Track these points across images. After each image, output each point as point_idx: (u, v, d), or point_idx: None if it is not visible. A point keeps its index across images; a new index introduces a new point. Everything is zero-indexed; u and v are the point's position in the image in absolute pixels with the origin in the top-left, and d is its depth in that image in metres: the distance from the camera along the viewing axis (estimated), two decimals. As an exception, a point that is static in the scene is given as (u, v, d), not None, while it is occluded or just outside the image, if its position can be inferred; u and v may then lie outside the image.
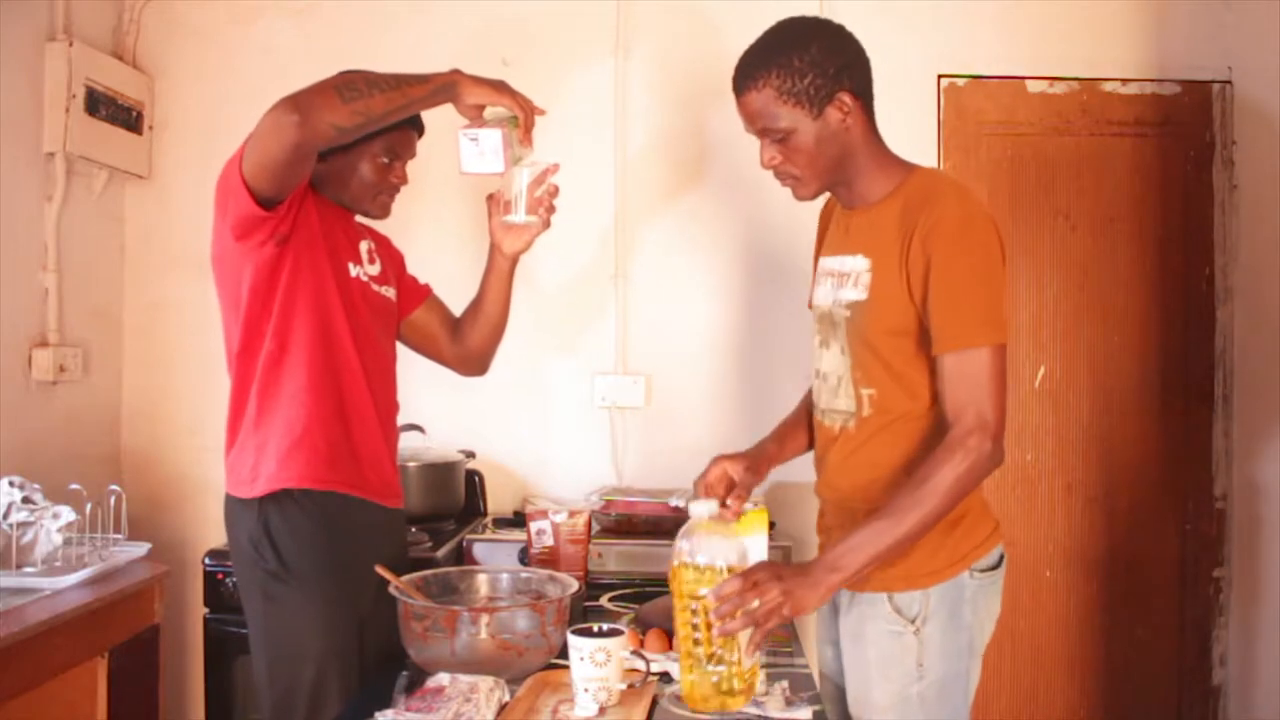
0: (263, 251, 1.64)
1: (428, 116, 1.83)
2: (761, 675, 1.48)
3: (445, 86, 1.64)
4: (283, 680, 1.67)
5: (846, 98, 1.48)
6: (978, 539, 1.52)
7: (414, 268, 2.05)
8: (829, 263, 1.61)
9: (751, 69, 1.50)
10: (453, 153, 1.72)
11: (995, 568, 1.54)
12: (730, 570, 1.33)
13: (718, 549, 1.34)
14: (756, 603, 1.31)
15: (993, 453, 1.41)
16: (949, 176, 1.59)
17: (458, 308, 2.04)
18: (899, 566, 1.48)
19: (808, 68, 1.46)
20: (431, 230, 2.69)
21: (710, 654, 1.29)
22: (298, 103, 1.50)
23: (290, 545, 1.67)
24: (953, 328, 1.42)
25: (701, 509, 1.33)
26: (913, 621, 1.48)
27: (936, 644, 1.48)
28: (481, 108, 1.70)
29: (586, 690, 1.35)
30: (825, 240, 1.68)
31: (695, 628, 1.31)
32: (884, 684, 1.50)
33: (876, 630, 1.51)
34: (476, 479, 2.70)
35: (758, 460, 1.67)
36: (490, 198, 1.88)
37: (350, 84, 1.54)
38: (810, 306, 1.70)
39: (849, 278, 1.54)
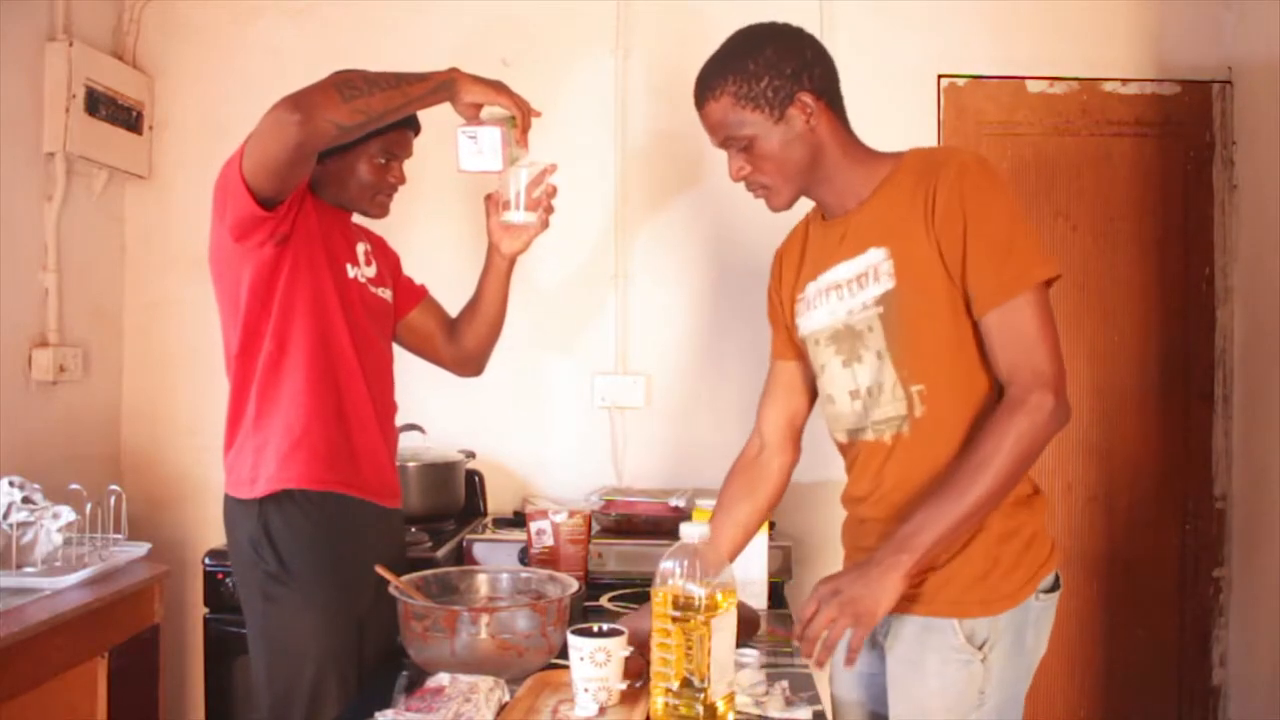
0: (262, 252, 1.64)
1: (425, 116, 1.84)
2: (761, 677, 1.48)
3: (444, 84, 1.65)
4: (282, 681, 1.68)
5: (807, 98, 1.43)
6: (1042, 559, 1.45)
7: (411, 268, 2.06)
8: (826, 279, 1.51)
9: (708, 79, 1.47)
10: (450, 154, 1.72)
11: (1054, 589, 1.48)
12: (712, 596, 1.26)
13: (706, 570, 1.28)
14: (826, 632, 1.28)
15: (1056, 409, 1.32)
16: (941, 146, 1.55)
17: (455, 308, 2.05)
18: (976, 590, 1.40)
19: (763, 70, 1.43)
20: (429, 231, 2.69)
21: (682, 680, 1.28)
22: (298, 102, 1.50)
23: (290, 546, 1.67)
24: (1001, 277, 1.35)
25: (693, 530, 1.32)
26: (980, 648, 1.39)
27: (999, 670, 1.40)
28: (479, 107, 1.70)
29: (586, 690, 1.35)
30: (804, 267, 1.59)
31: (669, 649, 1.27)
32: (944, 714, 1.40)
33: (942, 659, 1.41)
34: (476, 479, 2.70)
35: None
36: (488, 198, 1.89)
37: (350, 82, 1.54)
38: (778, 357, 1.71)
39: (867, 276, 1.44)
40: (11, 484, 2.04)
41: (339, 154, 1.74)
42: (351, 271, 1.80)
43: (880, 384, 1.46)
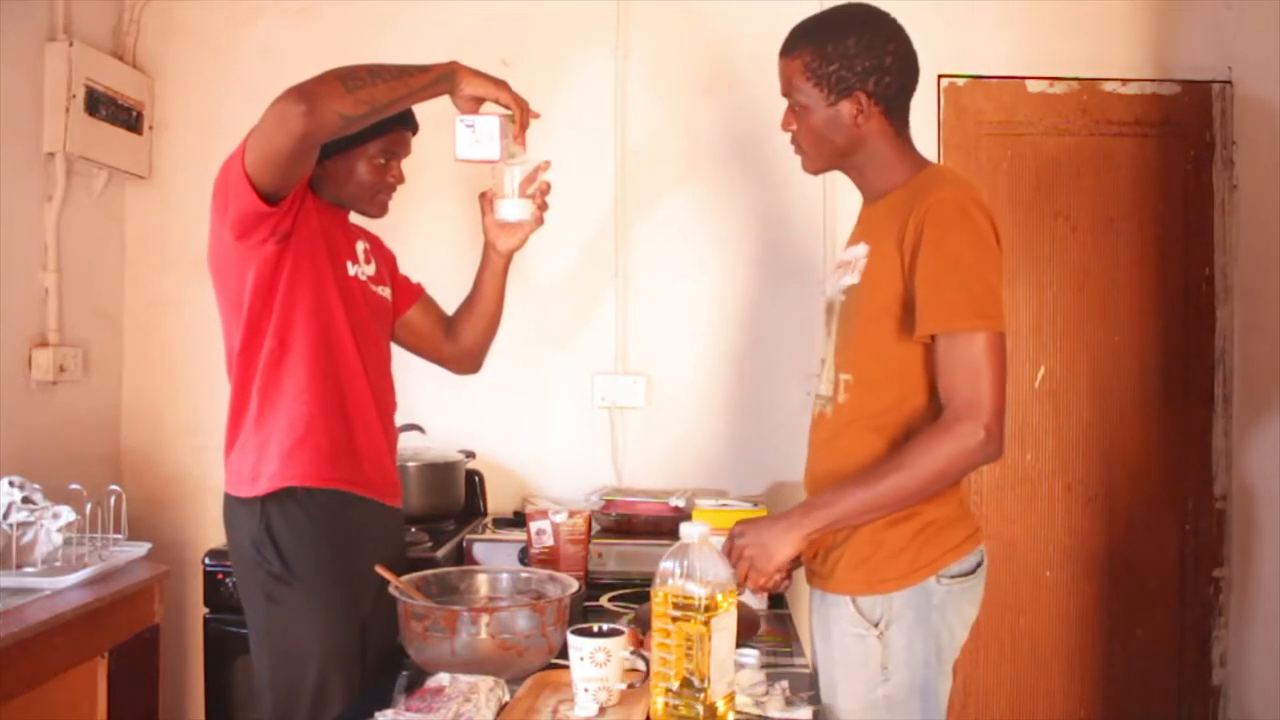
0: (264, 250, 1.64)
1: (422, 116, 1.84)
2: (761, 677, 1.48)
3: (445, 76, 1.66)
4: (285, 681, 1.67)
5: (863, 98, 1.52)
6: (947, 545, 1.49)
7: (407, 267, 2.06)
8: (841, 256, 1.66)
9: (795, 38, 1.57)
10: (447, 152, 1.72)
11: (970, 574, 1.52)
12: (712, 596, 1.27)
13: (706, 570, 1.29)
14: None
15: (985, 444, 1.38)
16: (956, 172, 1.60)
17: (452, 306, 2.05)
18: (860, 570, 1.49)
19: (836, 57, 1.51)
20: (425, 229, 2.69)
21: (682, 680, 1.28)
22: (303, 93, 1.51)
23: (292, 546, 1.67)
24: (936, 309, 1.42)
25: (693, 530, 1.32)
26: (876, 625, 1.48)
27: (901, 648, 1.47)
28: (479, 101, 1.71)
29: (586, 690, 1.35)
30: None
31: (668, 649, 1.28)
32: (848, 685, 1.51)
33: (841, 632, 1.51)
34: (476, 479, 2.70)
35: None
36: (483, 196, 1.89)
37: (353, 74, 1.55)
38: None
39: (851, 265, 1.57)
40: (11, 484, 2.04)
41: (339, 153, 1.74)
42: (352, 269, 1.80)
43: (825, 361, 1.62)
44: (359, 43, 2.71)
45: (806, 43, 1.54)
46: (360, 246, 1.86)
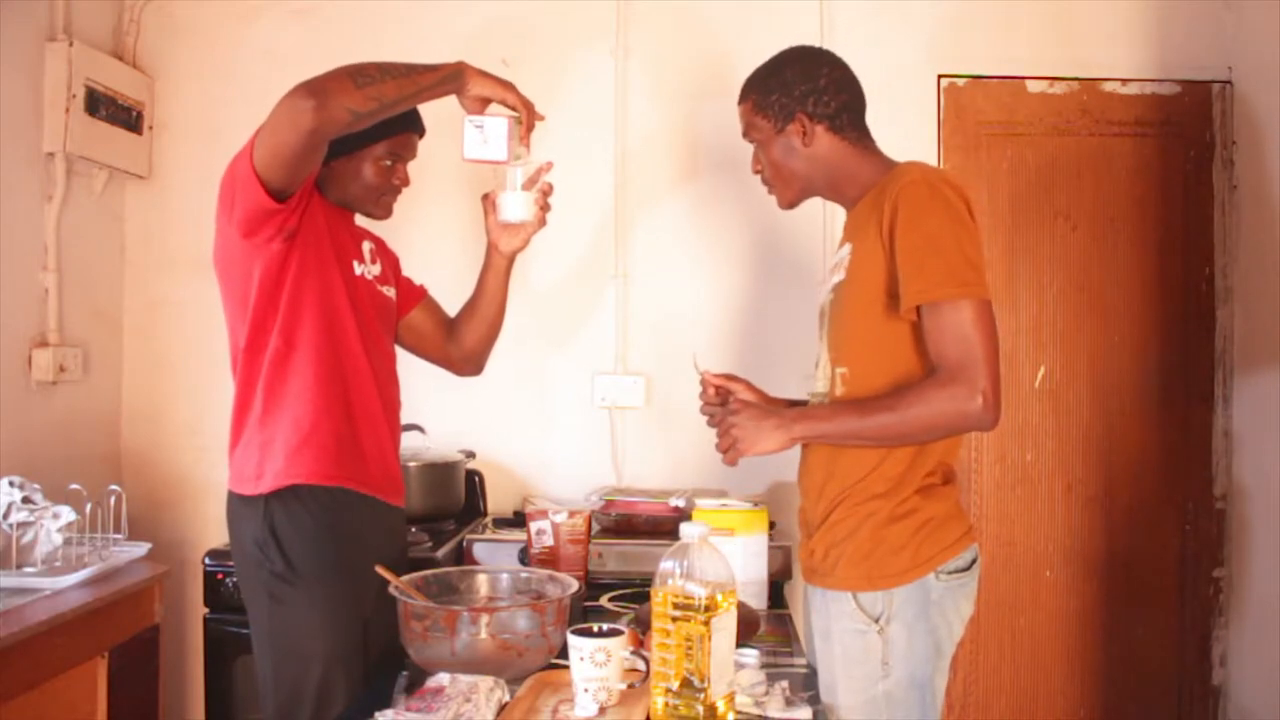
0: (270, 248, 1.65)
1: (427, 120, 1.84)
2: (761, 677, 1.48)
3: (452, 75, 1.66)
4: (288, 681, 1.67)
5: (804, 118, 1.62)
6: (945, 542, 1.53)
7: (410, 269, 2.06)
8: (831, 261, 1.70)
9: (745, 86, 1.70)
10: (451, 154, 1.73)
11: (966, 570, 1.55)
12: (712, 597, 1.27)
13: (706, 570, 1.29)
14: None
15: (982, 412, 1.41)
16: (927, 164, 1.63)
17: (455, 308, 2.05)
18: (861, 567, 1.52)
19: (776, 87, 1.64)
20: (428, 232, 2.69)
21: (682, 680, 1.28)
22: (313, 88, 1.51)
23: (296, 545, 1.67)
24: (918, 283, 1.45)
25: (693, 530, 1.32)
26: (876, 621, 1.50)
27: (902, 644, 1.50)
28: (485, 102, 1.71)
29: (586, 690, 1.35)
30: None
31: (668, 649, 1.28)
32: (849, 681, 1.52)
33: (842, 628, 1.54)
34: (476, 479, 2.70)
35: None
36: (485, 197, 1.90)
37: (362, 71, 1.56)
38: None
39: (838, 265, 1.63)
40: (11, 484, 2.04)
41: (345, 154, 1.74)
42: (358, 269, 1.80)
43: (819, 360, 1.65)
44: (359, 43, 2.71)
45: (753, 85, 1.67)
46: (366, 246, 1.87)
